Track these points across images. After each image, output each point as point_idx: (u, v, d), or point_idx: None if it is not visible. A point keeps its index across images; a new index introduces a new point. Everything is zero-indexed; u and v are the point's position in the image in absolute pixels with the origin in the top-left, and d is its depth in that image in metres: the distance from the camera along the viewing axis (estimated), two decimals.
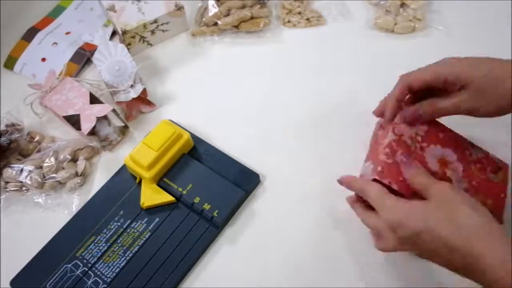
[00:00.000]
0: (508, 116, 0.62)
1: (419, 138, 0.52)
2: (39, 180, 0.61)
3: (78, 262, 0.55)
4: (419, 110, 0.51)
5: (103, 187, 0.61)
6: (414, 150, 0.51)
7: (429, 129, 0.53)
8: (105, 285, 0.54)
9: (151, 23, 0.72)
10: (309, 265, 0.55)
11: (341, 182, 0.52)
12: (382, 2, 0.75)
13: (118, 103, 0.66)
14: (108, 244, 0.56)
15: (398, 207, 0.44)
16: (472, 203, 0.42)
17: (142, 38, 0.73)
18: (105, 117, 0.64)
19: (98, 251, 0.56)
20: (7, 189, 0.61)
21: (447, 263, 0.41)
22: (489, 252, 0.38)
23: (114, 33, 0.75)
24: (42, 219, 0.60)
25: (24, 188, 0.61)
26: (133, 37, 0.72)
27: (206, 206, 0.57)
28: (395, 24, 0.72)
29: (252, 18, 0.73)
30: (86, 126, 0.61)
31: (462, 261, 0.40)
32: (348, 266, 0.54)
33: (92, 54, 0.69)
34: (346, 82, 0.68)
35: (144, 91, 0.66)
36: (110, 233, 0.57)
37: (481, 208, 0.41)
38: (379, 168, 0.49)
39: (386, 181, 0.48)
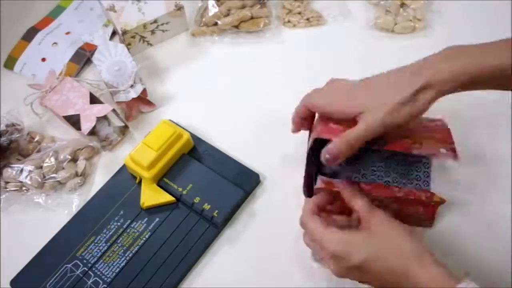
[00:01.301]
0: (508, 119, 0.62)
1: None
2: (39, 180, 0.61)
3: (78, 262, 0.55)
4: (334, 150, 0.48)
5: (103, 187, 0.61)
6: None
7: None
8: (105, 285, 0.54)
9: (151, 23, 0.72)
10: (309, 265, 0.55)
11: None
12: (382, 2, 0.75)
13: (118, 103, 0.66)
14: (108, 244, 0.56)
15: (341, 240, 0.45)
16: (407, 230, 0.45)
17: (142, 38, 0.73)
18: (105, 117, 0.64)
19: (98, 251, 0.56)
20: (7, 189, 0.61)
21: (390, 286, 0.44)
22: (423, 274, 0.41)
23: (114, 33, 0.75)
24: (42, 219, 0.60)
25: (24, 188, 0.61)
26: (133, 37, 0.72)
27: (206, 206, 0.57)
28: (395, 24, 0.72)
29: (252, 18, 0.73)
30: (86, 126, 0.61)
31: (401, 284, 0.42)
32: None
33: (92, 54, 0.69)
34: None
35: (144, 91, 0.66)
36: (110, 233, 0.57)
37: (414, 235, 0.44)
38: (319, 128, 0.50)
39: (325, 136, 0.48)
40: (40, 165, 0.62)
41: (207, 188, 0.58)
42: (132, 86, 0.65)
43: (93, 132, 0.63)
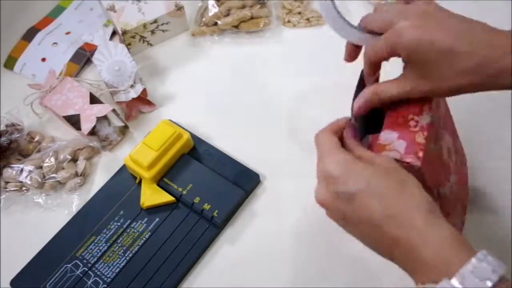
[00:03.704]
0: (508, 114, 0.62)
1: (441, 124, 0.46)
2: (39, 180, 0.61)
3: (78, 262, 0.55)
4: (361, 101, 0.44)
5: (103, 187, 0.61)
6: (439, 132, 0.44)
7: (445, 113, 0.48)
8: (105, 285, 0.54)
9: (151, 23, 0.72)
10: (310, 265, 0.55)
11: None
12: (382, 2, 0.75)
13: (118, 103, 0.66)
14: (108, 244, 0.56)
15: (344, 160, 0.39)
16: (418, 183, 0.37)
17: (142, 38, 0.73)
18: (105, 117, 0.64)
19: (98, 251, 0.56)
20: (7, 189, 0.61)
21: (373, 239, 0.37)
22: (429, 231, 0.34)
23: (114, 33, 0.75)
24: (42, 219, 0.60)
25: (24, 188, 0.61)
26: (133, 37, 0.72)
27: (206, 206, 0.57)
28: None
29: (252, 18, 0.73)
30: (86, 126, 0.61)
31: (391, 238, 0.35)
32: (348, 266, 0.54)
33: (92, 54, 0.69)
34: (346, 82, 0.68)
35: (144, 91, 0.66)
36: (110, 233, 0.57)
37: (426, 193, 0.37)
38: (420, 154, 0.40)
39: (424, 171, 0.41)
40: (40, 165, 0.62)
41: (207, 188, 0.58)
42: (132, 86, 0.65)
43: (93, 132, 0.63)
